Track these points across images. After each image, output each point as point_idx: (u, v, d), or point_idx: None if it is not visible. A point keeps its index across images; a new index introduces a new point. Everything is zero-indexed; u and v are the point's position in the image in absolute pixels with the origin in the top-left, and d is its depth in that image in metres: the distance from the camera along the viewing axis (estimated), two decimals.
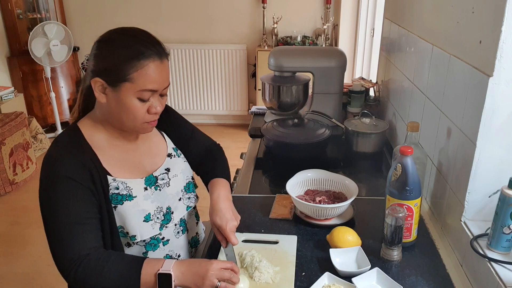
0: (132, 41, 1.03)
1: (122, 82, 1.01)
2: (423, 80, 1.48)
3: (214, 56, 4.43)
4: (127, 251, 1.13)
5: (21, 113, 3.62)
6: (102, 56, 1.04)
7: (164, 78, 1.06)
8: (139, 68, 1.01)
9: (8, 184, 3.41)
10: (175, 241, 1.20)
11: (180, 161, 1.26)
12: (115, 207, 1.08)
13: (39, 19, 4.29)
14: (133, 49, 1.01)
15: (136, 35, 1.05)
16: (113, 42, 1.04)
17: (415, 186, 1.12)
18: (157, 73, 1.03)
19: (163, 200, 1.16)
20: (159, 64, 1.04)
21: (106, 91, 1.04)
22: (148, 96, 1.04)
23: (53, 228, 1.01)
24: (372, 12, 3.65)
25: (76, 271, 0.98)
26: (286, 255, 1.17)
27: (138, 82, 1.01)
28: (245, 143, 2.14)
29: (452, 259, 1.16)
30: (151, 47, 1.03)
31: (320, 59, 1.95)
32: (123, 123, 1.08)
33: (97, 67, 1.04)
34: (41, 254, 2.67)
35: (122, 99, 1.03)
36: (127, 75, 1.01)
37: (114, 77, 1.01)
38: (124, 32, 1.06)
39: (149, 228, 1.12)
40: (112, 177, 1.09)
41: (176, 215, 1.19)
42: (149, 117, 1.08)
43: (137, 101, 1.04)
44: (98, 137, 1.11)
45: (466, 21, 1.12)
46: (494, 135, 1.01)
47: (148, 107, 1.06)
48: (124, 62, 1.00)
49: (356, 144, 1.79)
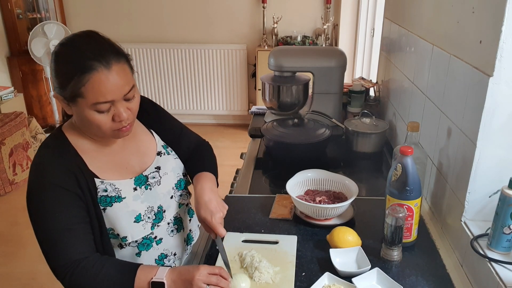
0: (74, 54, 0.98)
1: (75, 98, 0.98)
2: (423, 80, 1.48)
3: (214, 56, 4.43)
4: (120, 253, 1.13)
5: (21, 113, 3.62)
6: (53, 71, 1.00)
7: (117, 86, 0.99)
8: (85, 83, 0.95)
9: (8, 184, 3.41)
10: (169, 240, 1.19)
11: (171, 159, 1.24)
12: (104, 209, 1.07)
13: (39, 19, 4.29)
14: (75, 64, 0.96)
15: (79, 47, 0.99)
16: (58, 56, 1.00)
17: (415, 186, 1.12)
18: (106, 83, 0.97)
19: (154, 199, 1.15)
20: (106, 74, 0.96)
21: (69, 104, 1.01)
22: (106, 107, 0.99)
23: (43, 235, 1.02)
24: (372, 12, 3.65)
25: (70, 276, 0.99)
26: (286, 255, 1.16)
27: (88, 96, 0.96)
28: (245, 143, 2.14)
29: (452, 259, 1.16)
30: (93, 58, 0.96)
31: (320, 59, 1.95)
32: (93, 133, 1.07)
33: (53, 82, 1.02)
34: (41, 254, 2.65)
35: (82, 113, 1.00)
36: (77, 90, 0.96)
37: (67, 93, 0.98)
38: (70, 43, 1.01)
39: (140, 228, 1.11)
40: (100, 179, 1.08)
41: (169, 214, 1.19)
42: (117, 125, 1.03)
43: (96, 113, 0.99)
44: (82, 141, 1.09)
45: (466, 21, 1.12)
46: (494, 135, 1.01)
47: (112, 115, 1.01)
48: (69, 79, 0.96)
49: (356, 144, 1.79)
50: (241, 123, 4.69)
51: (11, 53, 4.37)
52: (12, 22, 4.26)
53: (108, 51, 0.99)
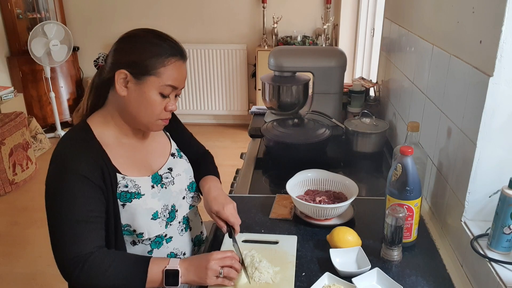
0: (158, 39, 1.07)
1: (147, 76, 1.04)
2: (423, 80, 1.48)
3: (214, 56, 4.43)
4: (132, 250, 1.13)
5: (20, 113, 3.62)
6: (128, 50, 1.06)
7: (184, 77, 1.11)
8: (166, 64, 1.05)
9: (8, 184, 3.41)
10: (178, 239, 1.20)
11: (183, 162, 1.27)
12: (123, 205, 1.08)
13: (39, 19, 4.29)
14: (161, 47, 1.06)
15: (162, 35, 1.09)
16: (140, 38, 1.08)
17: (415, 186, 1.12)
18: (180, 71, 1.09)
19: (169, 198, 1.17)
20: (182, 64, 1.09)
21: (129, 84, 1.06)
22: (169, 92, 1.08)
23: (57, 225, 1.01)
24: (372, 12, 3.65)
25: (80, 270, 0.98)
26: (286, 255, 1.16)
27: (163, 77, 1.05)
28: (245, 143, 2.14)
29: (452, 259, 1.16)
30: (176, 47, 1.08)
31: (320, 59, 1.95)
32: (138, 118, 1.10)
33: (121, 60, 1.06)
34: (41, 254, 2.67)
35: (145, 92, 1.06)
36: (154, 69, 1.04)
37: (141, 69, 1.04)
38: (150, 30, 1.10)
39: (157, 226, 1.12)
40: (122, 175, 1.09)
41: (180, 213, 1.20)
42: (164, 115, 1.11)
43: (158, 96, 1.07)
44: (107, 134, 1.11)
45: (466, 21, 1.12)
46: (494, 135, 1.01)
47: (166, 104, 1.09)
48: (152, 57, 1.04)
49: (356, 144, 1.79)
50: (241, 123, 4.69)
51: (11, 53, 4.37)
52: (12, 22, 4.26)
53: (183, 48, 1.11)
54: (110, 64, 1.07)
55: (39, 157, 3.94)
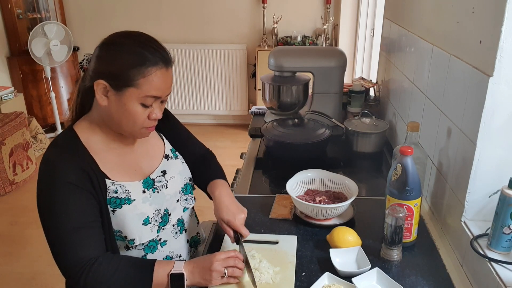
0: (139, 47, 1.02)
1: (126, 87, 1.01)
2: (423, 80, 1.48)
3: (214, 56, 4.43)
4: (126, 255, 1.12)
5: (21, 113, 3.62)
6: (107, 59, 1.02)
7: (168, 85, 1.06)
8: (146, 75, 1.00)
9: (8, 184, 3.41)
10: (173, 242, 1.20)
11: (178, 163, 1.25)
12: (113, 211, 1.07)
13: (39, 19, 4.28)
14: (141, 56, 1.00)
15: (144, 41, 1.04)
16: (120, 46, 1.02)
17: (415, 186, 1.12)
18: (162, 80, 1.04)
19: (161, 202, 1.16)
20: (164, 72, 1.04)
21: (108, 94, 1.03)
22: (151, 102, 1.04)
23: (56, 235, 1.00)
24: (372, 12, 3.65)
25: (86, 277, 0.97)
26: (286, 255, 1.16)
27: (143, 88, 1.01)
28: (245, 143, 2.14)
29: (452, 259, 1.16)
30: (158, 54, 1.03)
31: (320, 59, 1.95)
32: (121, 127, 1.08)
33: (101, 69, 1.02)
34: (41, 254, 2.67)
35: (125, 104, 1.02)
36: (133, 80, 1.00)
37: (119, 81, 1.01)
38: (131, 36, 1.05)
39: (148, 231, 1.11)
40: (111, 180, 1.08)
41: (173, 216, 1.19)
42: (148, 123, 1.08)
43: (139, 106, 1.03)
44: (94, 140, 1.09)
45: (466, 21, 1.12)
46: (494, 135, 1.01)
47: (149, 113, 1.06)
48: (130, 68, 1.00)
49: (356, 144, 1.79)
50: (241, 123, 4.69)
51: (11, 53, 4.37)
52: (12, 22, 4.26)
53: (167, 52, 1.06)
54: (91, 72, 1.05)
55: (39, 157, 3.91)
